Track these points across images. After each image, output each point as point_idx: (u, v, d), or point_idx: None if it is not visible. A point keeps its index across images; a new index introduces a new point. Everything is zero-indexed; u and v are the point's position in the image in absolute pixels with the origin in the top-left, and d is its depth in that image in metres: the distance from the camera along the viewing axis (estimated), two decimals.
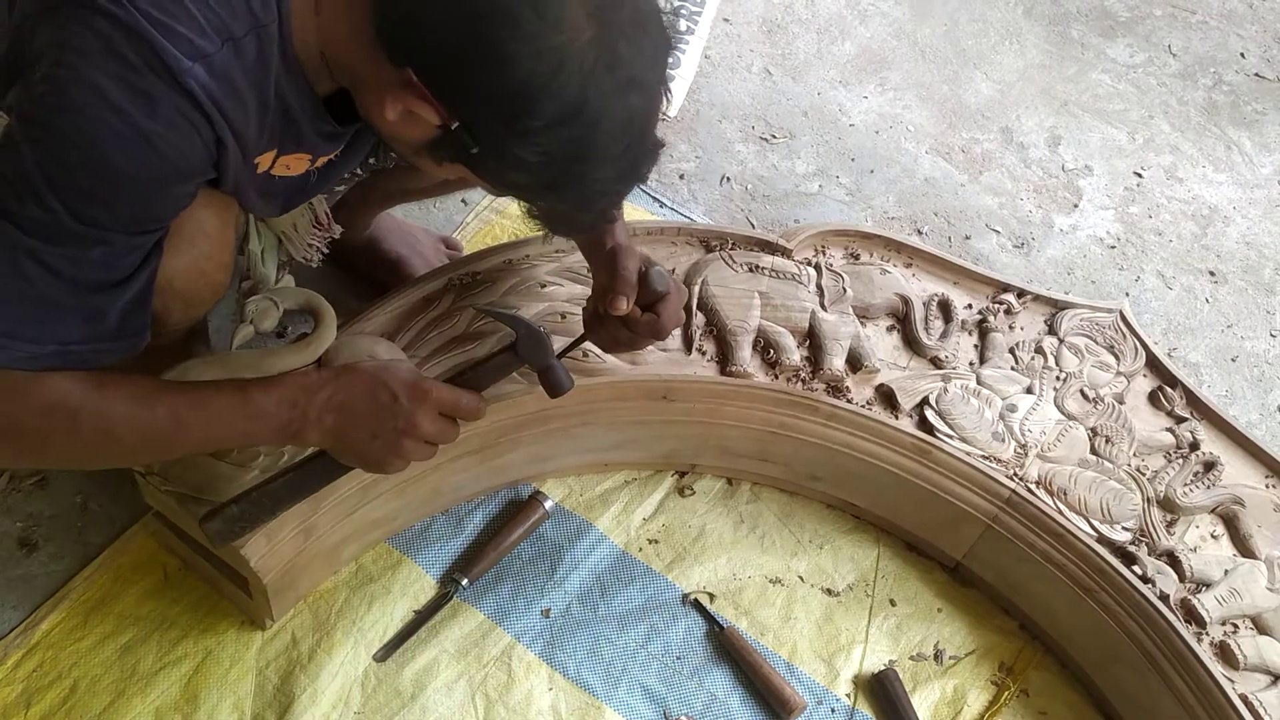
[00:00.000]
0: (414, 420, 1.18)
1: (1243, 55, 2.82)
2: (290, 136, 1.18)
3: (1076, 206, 2.37)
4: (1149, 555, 1.56)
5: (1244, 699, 1.45)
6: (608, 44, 1.01)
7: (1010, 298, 1.81)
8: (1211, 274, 2.31)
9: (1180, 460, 1.67)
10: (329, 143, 1.26)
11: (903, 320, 1.76)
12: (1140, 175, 2.47)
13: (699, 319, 1.67)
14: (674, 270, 1.73)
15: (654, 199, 2.17)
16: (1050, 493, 1.60)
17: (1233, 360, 2.15)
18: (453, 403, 1.22)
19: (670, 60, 1.12)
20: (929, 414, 1.64)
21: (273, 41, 1.06)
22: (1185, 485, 1.64)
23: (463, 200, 2.08)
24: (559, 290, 1.64)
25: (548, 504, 1.65)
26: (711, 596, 1.64)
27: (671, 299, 1.33)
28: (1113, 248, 2.31)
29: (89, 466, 1.39)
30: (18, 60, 1.01)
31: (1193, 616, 1.52)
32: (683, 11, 2.53)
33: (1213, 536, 1.63)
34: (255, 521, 1.27)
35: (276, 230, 1.56)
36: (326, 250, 1.61)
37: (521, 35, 0.98)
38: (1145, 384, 1.77)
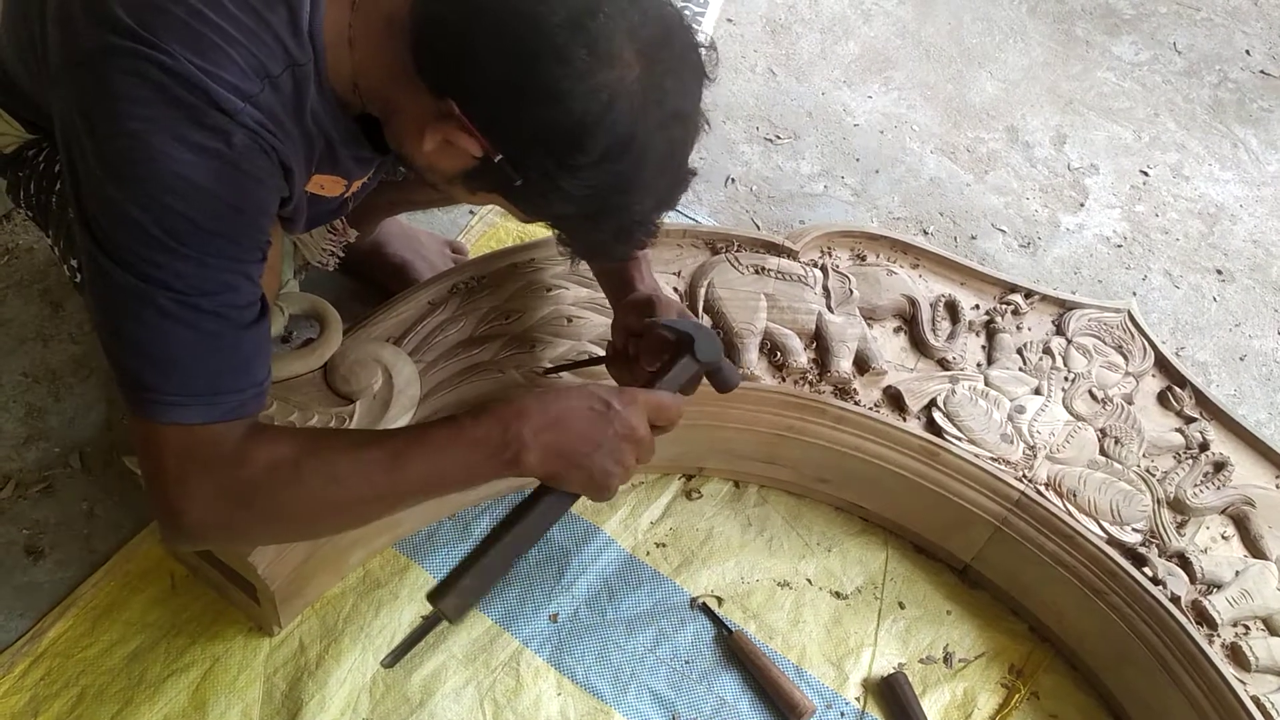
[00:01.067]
0: (631, 424, 1.16)
1: (1248, 52, 2.81)
2: (326, 160, 1.19)
3: (1083, 205, 2.37)
4: (1159, 557, 1.55)
5: (1256, 701, 1.44)
6: (655, 80, 1.01)
7: (1017, 298, 1.80)
8: (1219, 272, 2.30)
9: (1190, 461, 1.66)
10: (363, 167, 1.26)
11: (910, 321, 1.75)
12: (1146, 174, 2.46)
13: (705, 321, 1.66)
14: (679, 273, 1.72)
15: None
16: (1059, 494, 1.59)
17: (1241, 359, 2.15)
18: (658, 404, 1.20)
19: (705, 88, 1.12)
20: (937, 416, 1.63)
21: (308, 79, 1.06)
22: (1195, 486, 1.63)
23: (470, 211, 2.07)
24: (565, 293, 1.64)
25: None
26: (720, 600, 1.64)
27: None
28: (1119, 247, 2.31)
29: (316, 529, 1.25)
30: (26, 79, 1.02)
31: (1204, 618, 1.51)
32: (686, 11, 2.52)
33: (1223, 537, 1.62)
34: (490, 584, 1.20)
35: (292, 236, 1.56)
36: (342, 254, 1.61)
37: (574, 73, 0.97)
38: (1154, 384, 1.76)
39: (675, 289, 1.70)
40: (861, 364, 1.67)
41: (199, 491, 1.05)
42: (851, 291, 1.74)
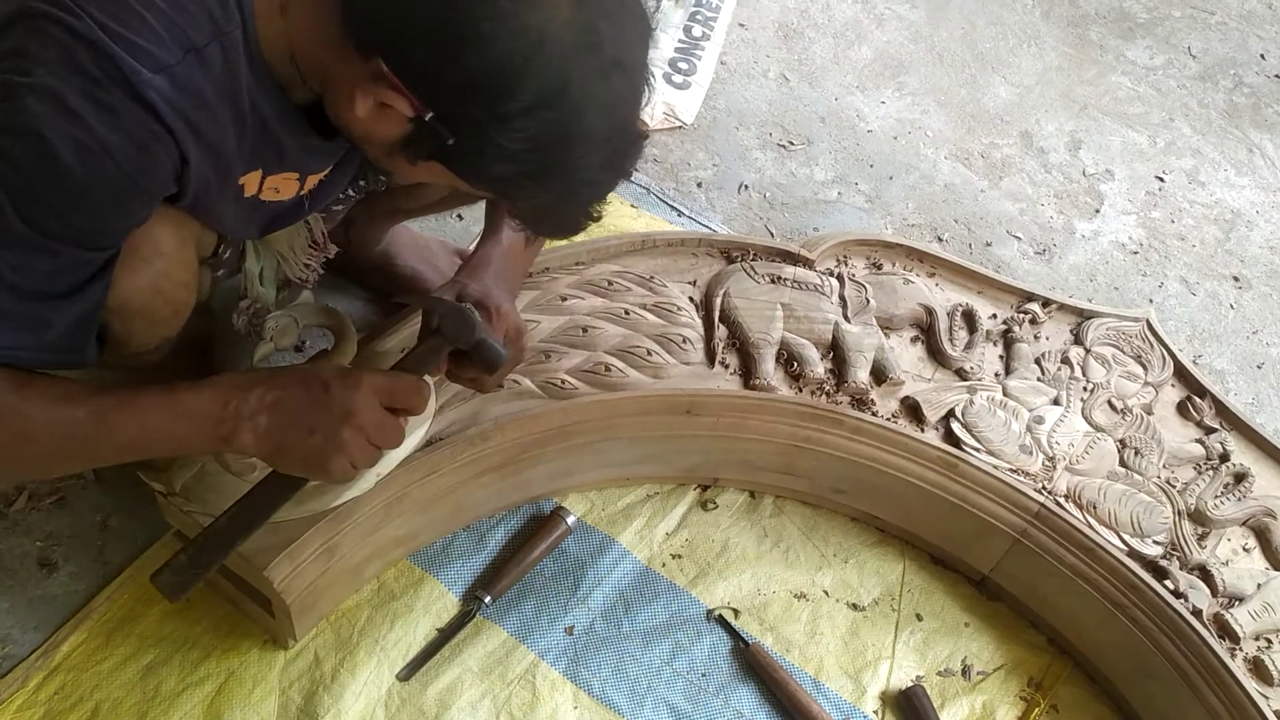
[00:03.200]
0: (350, 407, 1.12)
1: (1263, 57, 2.80)
2: (272, 153, 1.15)
3: (1098, 212, 2.35)
4: (1181, 569, 1.54)
5: (1279, 715, 1.42)
6: (588, 23, 0.97)
7: (1035, 307, 1.79)
8: (1235, 279, 2.28)
9: (1211, 472, 1.65)
10: (314, 158, 1.22)
11: (927, 331, 1.74)
12: (1162, 179, 2.45)
13: (721, 332, 1.65)
14: (694, 282, 1.71)
15: (672, 208, 2.15)
16: (1079, 506, 1.58)
17: (1258, 367, 2.13)
18: (388, 387, 1.16)
19: (652, 43, 1.08)
20: (955, 427, 1.62)
21: (237, 48, 1.02)
22: (1216, 497, 1.62)
23: (458, 214, 2.07)
24: (580, 303, 1.63)
25: (570, 519, 1.63)
26: (736, 612, 1.62)
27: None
28: (1135, 253, 2.29)
29: (9, 473, 1.25)
30: None
31: (1226, 631, 1.50)
32: (698, 17, 2.52)
33: (1244, 549, 1.61)
34: (209, 565, 1.18)
35: (273, 250, 1.54)
36: (323, 271, 1.59)
37: (497, 14, 0.94)
38: (1173, 394, 1.75)
39: (691, 298, 1.69)
40: (879, 374, 1.66)
41: None
42: (868, 301, 1.73)
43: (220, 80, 1.02)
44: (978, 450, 1.60)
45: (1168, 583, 1.52)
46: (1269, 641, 1.50)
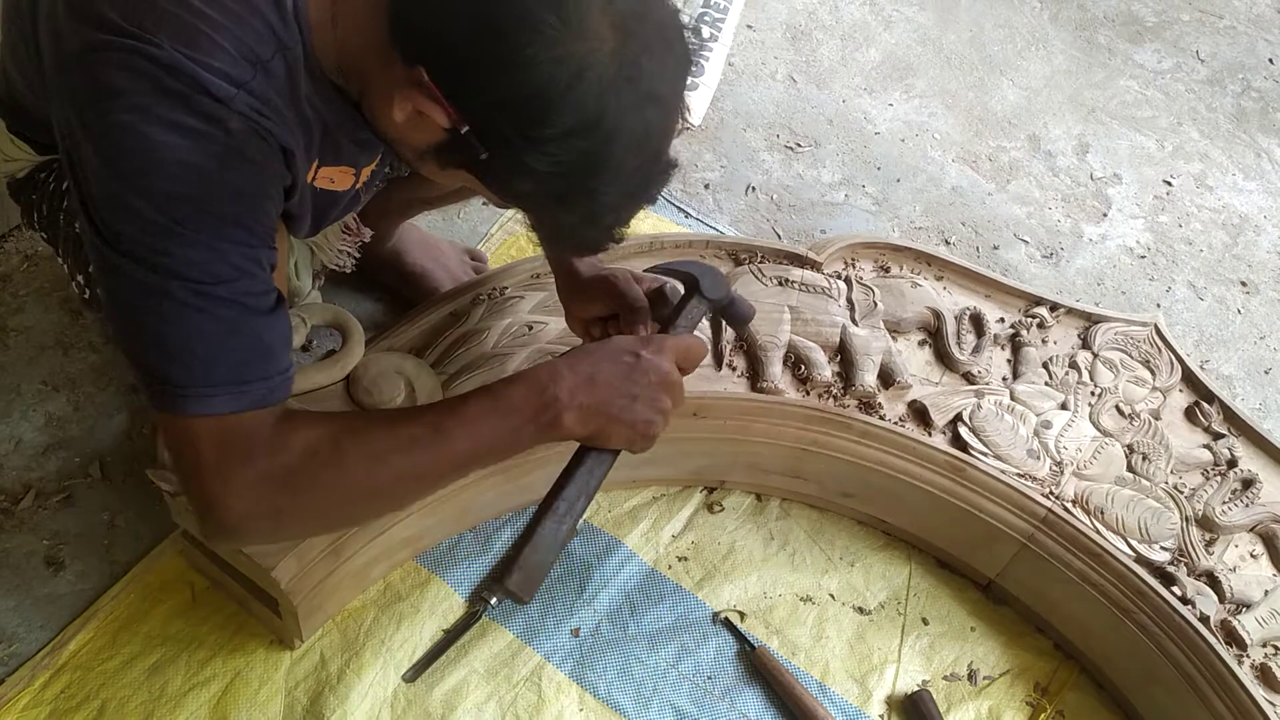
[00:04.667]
0: (664, 369, 1.17)
1: (1271, 61, 2.79)
2: (329, 150, 1.17)
3: (1106, 216, 2.35)
4: (1188, 576, 1.53)
5: None
6: (630, 57, 0.98)
7: (1043, 311, 1.78)
8: (1243, 284, 2.28)
9: (1218, 478, 1.64)
10: (367, 152, 1.24)
11: (934, 335, 1.74)
12: (1170, 183, 2.44)
13: (729, 334, 1.65)
14: None
15: (679, 209, 2.15)
16: (1087, 511, 1.57)
17: (1266, 372, 2.13)
18: (685, 347, 1.21)
19: (690, 75, 1.08)
20: (963, 431, 1.62)
21: (299, 61, 1.05)
22: (1224, 503, 1.61)
23: (466, 214, 2.06)
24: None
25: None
26: (742, 615, 1.62)
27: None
28: (1143, 258, 2.29)
29: (362, 511, 1.22)
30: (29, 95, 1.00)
31: (1233, 638, 1.49)
32: (706, 18, 2.51)
33: (1252, 556, 1.60)
34: (550, 561, 1.18)
35: (307, 239, 1.55)
36: (358, 255, 1.59)
37: (543, 41, 0.94)
38: (1181, 399, 1.74)
39: None
40: (886, 378, 1.65)
41: (240, 481, 1.03)
42: (876, 304, 1.72)
43: (284, 90, 1.04)
44: (985, 455, 1.60)
45: (1175, 589, 1.51)
46: (1276, 648, 1.50)
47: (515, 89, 0.96)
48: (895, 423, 1.62)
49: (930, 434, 1.62)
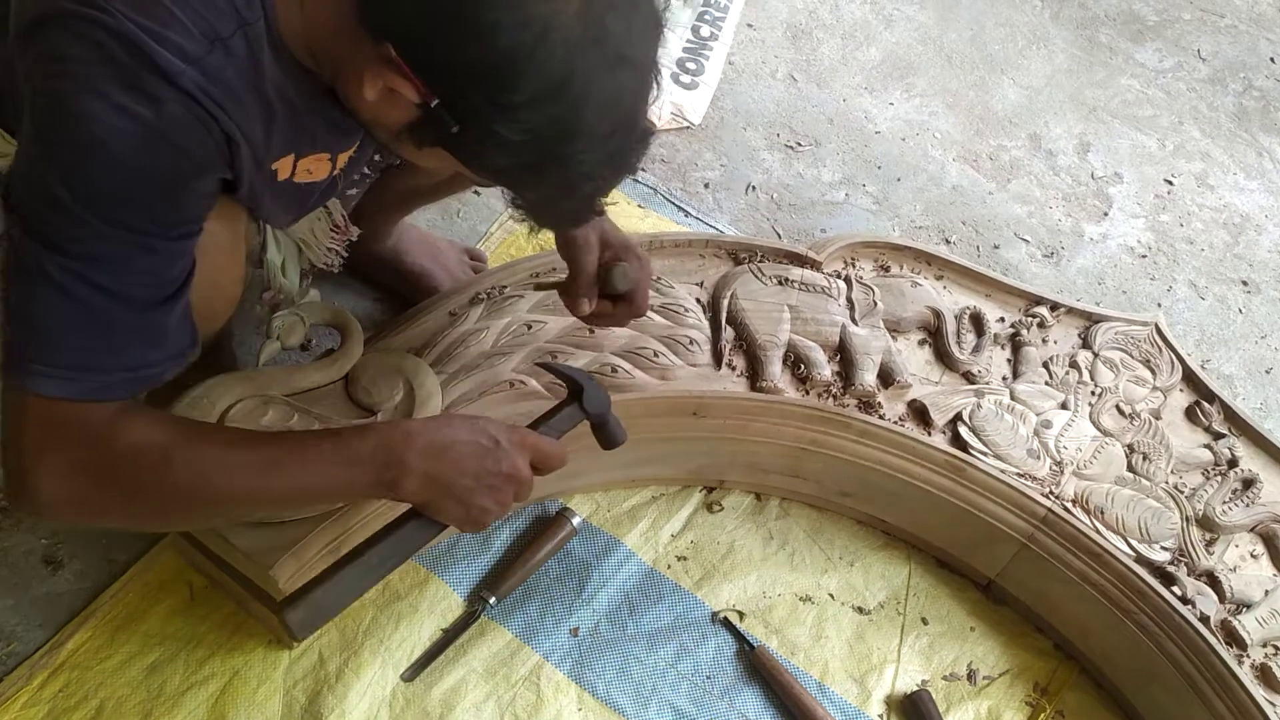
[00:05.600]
0: (516, 464, 1.18)
1: (1272, 60, 2.79)
2: (304, 136, 1.16)
3: (1106, 215, 2.35)
4: (1188, 576, 1.53)
5: None
6: (595, 17, 0.97)
7: (1043, 311, 1.78)
8: (1244, 284, 2.28)
9: (1219, 478, 1.64)
10: (343, 136, 1.23)
11: (934, 334, 1.74)
12: (1171, 183, 2.44)
13: (728, 333, 1.65)
14: (702, 283, 1.71)
15: (679, 208, 2.15)
16: (1087, 511, 1.57)
17: (1267, 372, 2.12)
18: (547, 450, 1.22)
19: (662, 38, 1.07)
20: (962, 430, 1.61)
21: (261, 38, 1.03)
22: (1224, 503, 1.61)
23: (465, 214, 2.06)
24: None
25: (575, 520, 1.63)
26: (741, 615, 1.62)
27: (636, 293, 1.33)
28: (1144, 257, 2.28)
29: (175, 520, 1.25)
30: (10, 84, 1.00)
31: (1233, 638, 1.49)
32: (706, 17, 2.51)
33: (1252, 556, 1.60)
34: (340, 606, 1.19)
35: (294, 238, 1.54)
36: (346, 254, 1.59)
37: (504, 4, 0.94)
38: (1182, 399, 1.74)
39: (698, 299, 1.68)
40: (886, 377, 1.65)
41: (53, 465, 1.03)
42: (875, 303, 1.72)
43: (244, 70, 1.03)
44: (985, 454, 1.60)
45: (1175, 589, 1.51)
46: (1276, 648, 1.50)
47: (480, 56, 0.95)
48: (895, 422, 1.61)
49: (930, 433, 1.62)
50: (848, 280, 1.75)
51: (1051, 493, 1.58)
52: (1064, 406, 1.68)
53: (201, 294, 1.19)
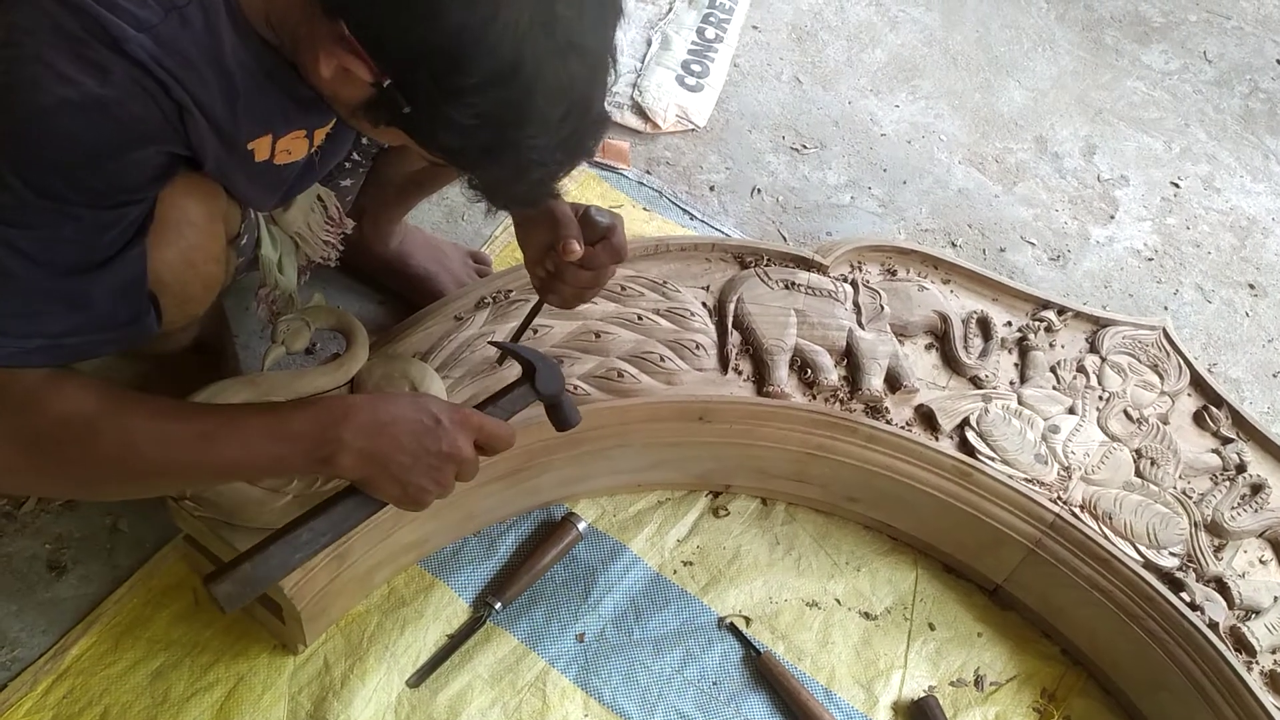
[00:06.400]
0: (457, 444, 1.15)
1: (1278, 62, 2.78)
2: (276, 114, 1.15)
3: (1113, 218, 2.34)
4: (1197, 581, 1.52)
5: None
6: (545, 4, 0.97)
7: (1050, 315, 1.77)
8: (1251, 287, 2.27)
9: (1227, 483, 1.63)
10: (316, 112, 1.21)
11: (941, 338, 1.73)
12: (1177, 185, 2.43)
13: (735, 337, 1.64)
14: (708, 287, 1.70)
15: (684, 211, 2.14)
16: (1095, 517, 1.56)
17: (1274, 376, 2.12)
18: (491, 430, 1.20)
19: (620, 24, 1.07)
20: (970, 435, 1.61)
21: (218, 9, 1.03)
22: (1233, 509, 1.60)
23: (470, 217, 2.05)
24: (593, 308, 1.62)
25: (581, 525, 1.62)
26: (748, 620, 1.61)
27: (616, 228, 1.31)
28: (1150, 260, 2.28)
29: (104, 491, 1.26)
30: None
31: (1242, 645, 1.48)
32: (711, 19, 2.50)
33: (1261, 562, 1.59)
34: (271, 578, 1.16)
35: (290, 232, 1.53)
36: (342, 247, 1.58)
37: None
38: (1190, 403, 1.73)
39: (704, 303, 1.68)
40: (893, 382, 1.64)
41: None
42: (882, 307, 1.71)
43: (202, 40, 1.02)
44: (992, 459, 1.59)
45: (1184, 595, 1.51)
46: None
47: (429, 39, 0.96)
48: (902, 427, 1.61)
49: (937, 438, 1.61)
50: (854, 284, 1.74)
51: (1059, 498, 1.57)
52: (1071, 411, 1.67)
53: (177, 273, 1.19)
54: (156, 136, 1.04)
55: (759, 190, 2.23)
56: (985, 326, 1.74)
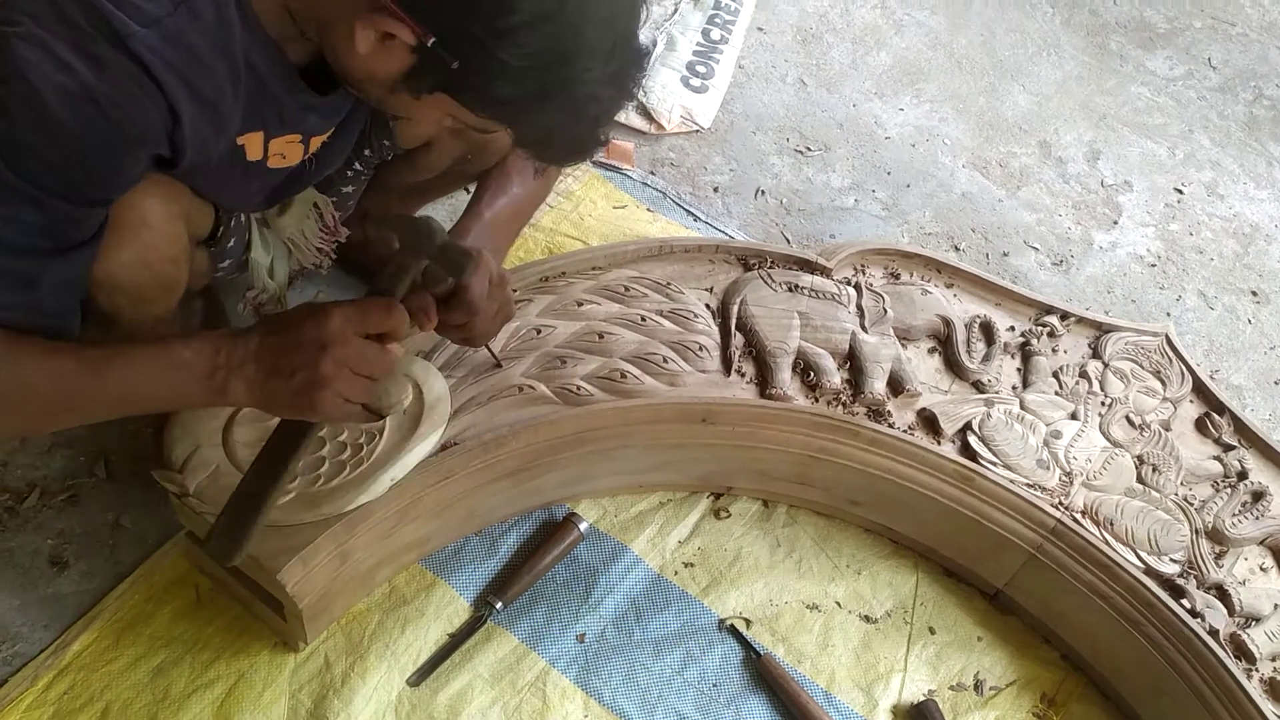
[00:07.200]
0: (324, 339, 1.08)
1: None
2: (272, 113, 1.15)
3: (1116, 223, 2.34)
4: (1197, 588, 1.52)
5: None
6: None
7: (1053, 320, 1.77)
8: (1254, 294, 2.27)
9: (1229, 490, 1.63)
10: (315, 118, 1.21)
11: (944, 342, 1.73)
12: (1181, 191, 2.43)
13: (738, 339, 1.64)
14: (711, 289, 1.70)
15: (688, 212, 2.14)
16: (1096, 522, 1.56)
17: (1276, 383, 2.12)
18: (359, 313, 1.11)
19: None
20: (972, 440, 1.61)
21: (229, 4, 1.02)
22: (1234, 516, 1.60)
23: None
24: (596, 309, 1.62)
25: (582, 526, 1.62)
26: (748, 622, 1.62)
27: (470, 281, 1.27)
28: (1153, 266, 2.28)
29: (7, 426, 1.25)
30: None
31: (1242, 652, 1.48)
32: (716, 20, 2.51)
33: (1261, 569, 1.59)
34: (250, 524, 1.16)
35: (283, 237, 1.54)
36: (335, 256, 1.58)
37: None
38: (1192, 410, 1.73)
39: (707, 305, 1.68)
40: (895, 385, 1.64)
41: None
42: (886, 311, 1.71)
43: (212, 32, 1.02)
44: (994, 464, 1.59)
45: (1184, 601, 1.51)
46: None
47: None
48: (904, 431, 1.61)
49: (939, 442, 1.61)
50: (858, 287, 1.74)
51: (1061, 503, 1.57)
52: (1074, 417, 1.67)
53: (131, 274, 1.19)
54: (146, 139, 1.04)
55: (763, 192, 2.24)
56: (988, 331, 1.74)
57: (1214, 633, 1.48)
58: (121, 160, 1.04)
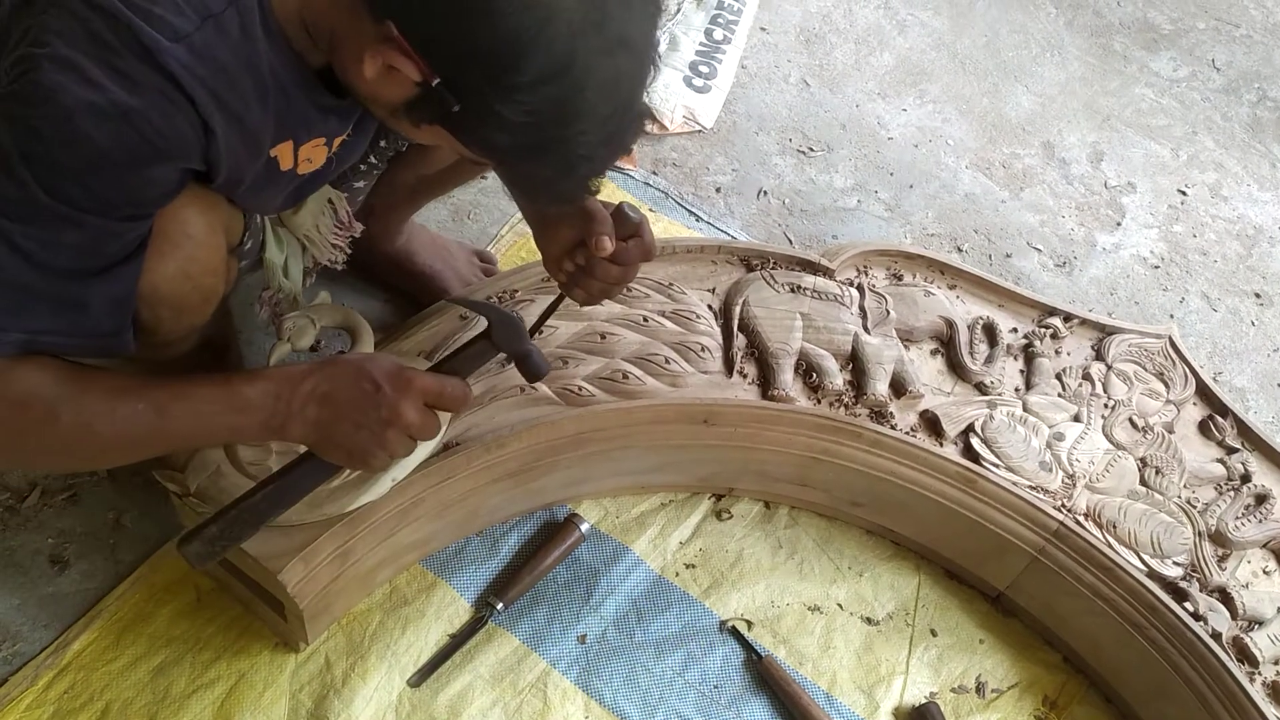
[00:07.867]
0: (398, 409, 1.15)
1: None
2: (299, 121, 1.15)
3: (1119, 225, 2.33)
4: (1200, 591, 1.52)
5: None
6: (597, 1, 0.97)
7: (1056, 322, 1.77)
8: (1257, 296, 2.26)
9: (1232, 493, 1.63)
10: (336, 120, 1.22)
11: (947, 344, 1.73)
12: (1184, 193, 2.43)
13: (740, 340, 1.64)
14: (714, 290, 1.70)
15: (690, 213, 2.14)
16: (1099, 525, 1.56)
17: (1279, 385, 2.11)
18: (437, 391, 1.18)
19: (660, 21, 1.08)
20: (975, 442, 1.60)
21: (253, 14, 1.02)
22: (1237, 519, 1.60)
23: (476, 215, 2.05)
24: (598, 310, 1.62)
25: (584, 526, 1.62)
26: (749, 624, 1.61)
27: (645, 225, 1.31)
28: (1156, 268, 2.27)
29: (64, 465, 1.31)
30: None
31: (1245, 656, 1.48)
32: (719, 20, 2.50)
33: (1265, 572, 1.59)
34: (237, 539, 1.20)
35: (298, 235, 1.53)
36: (350, 251, 1.58)
37: None
38: (1195, 412, 1.73)
39: (710, 306, 1.67)
40: (898, 387, 1.64)
41: None
42: (888, 312, 1.71)
43: (239, 47, 1.02)
44: (997, 466, 1.59)
45: (1187, 604, 1.50)
46: None
47: (484, 37, 0.96)
48: (907, 432, 1.60)
49: (942, 444, 1.61)
50: (860, 288, 1.74)
51: (1063, 506, 1.57)
52: (1077, 419, 1.67)
53: (174, 286, 1.19)
54: (178, 153, 1.04)
55: (765, 192, 2.23)
56: (991, 333, 1.74)
57: (1217, 636, 1.48)
58: (156, 175, 1.04)
